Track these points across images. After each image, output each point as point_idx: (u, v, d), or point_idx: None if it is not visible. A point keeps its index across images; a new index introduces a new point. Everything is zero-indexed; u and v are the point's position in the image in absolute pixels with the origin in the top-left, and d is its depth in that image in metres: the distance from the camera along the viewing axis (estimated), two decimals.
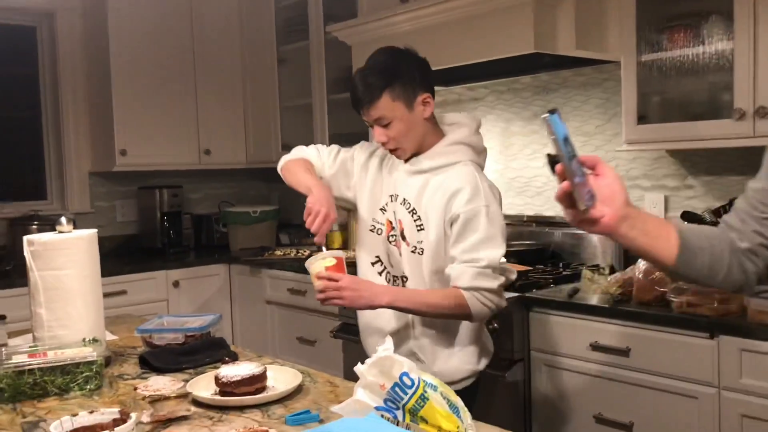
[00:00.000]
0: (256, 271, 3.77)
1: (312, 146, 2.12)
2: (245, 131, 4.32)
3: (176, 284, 3.77)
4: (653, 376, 2.21)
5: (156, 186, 4.16)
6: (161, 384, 1.58)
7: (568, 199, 1.07)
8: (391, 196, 1.95)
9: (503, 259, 1.85)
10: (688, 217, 2.52)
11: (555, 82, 3.17)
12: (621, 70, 2.57)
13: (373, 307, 1.82)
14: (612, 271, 2.63)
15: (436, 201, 1.85)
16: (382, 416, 0.97)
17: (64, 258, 1.67)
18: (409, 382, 0.96)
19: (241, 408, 1.40)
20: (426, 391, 0.96)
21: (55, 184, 4.09)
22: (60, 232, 1.71)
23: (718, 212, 2.45)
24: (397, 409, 0.96)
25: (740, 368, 2.02)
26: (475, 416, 1.01)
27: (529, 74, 3.23)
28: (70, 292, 1.67)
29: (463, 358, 1.92)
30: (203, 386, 1.50)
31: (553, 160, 1.07)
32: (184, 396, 1.45)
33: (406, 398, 0.96)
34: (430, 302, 1.81)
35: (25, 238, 1.69)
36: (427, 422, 0.96)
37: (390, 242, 1.95)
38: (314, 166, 2.04)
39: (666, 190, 2.83)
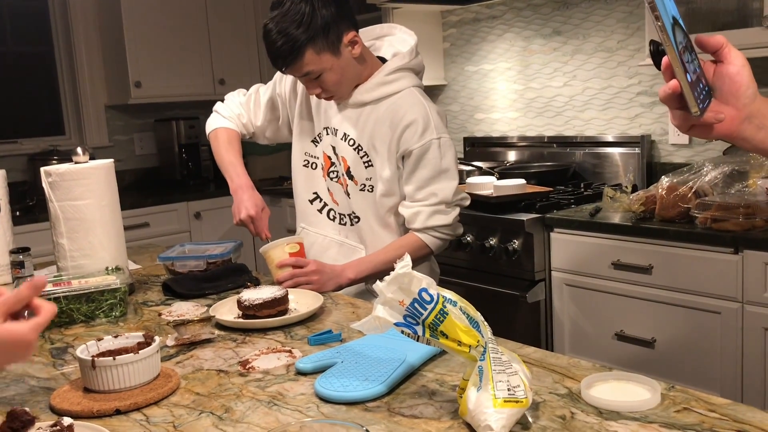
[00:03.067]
0: (276, 200, 3.77)
1: (233, 98, 2.02)
2: (259, 60, 4.26)
3: (197, 215, 3.80)
4: (676, 292, 2.20)
5: (173, 118, 4.15)
6: (185, 309, 1.60)
7: (676, 100, 0.85)
8: (327, 129, 1.83)
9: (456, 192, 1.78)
10: None
11: None
12: None
13: (341, 287, 1.75)
14: (634, 189, 2.58)
15: (384, 135, 1.74)
16: (402, 332, 0.97)
17: (82, 188, 1.67)
18: (428, 298, 0.96)
19: (264, 330, 1.42)
20: (445, 306, 0.96)
21: (73, 119, 4.09)
22: (76, 162, 1.70)
23: None
24: (417, 324, 0.96)
25: (765, 282, 2.00)
26: (497, 334, 1.01)
27: None
28: (90, 221, 1.68)
29: None
30: (226, 310, 1.52)
31: (658, 50, 0.85)
32: (207, 320, 1.46)
33: (425, 313, 0.95)
34: (389, 258, 1.72)
35: (43, 169, 1.69)
36: (447, 337, 0.96)
37: (331, 179, 1.85)
38: (237, 131, 1.98)
39: None
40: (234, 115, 1.99)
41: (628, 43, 2.90)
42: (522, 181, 2.72)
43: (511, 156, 3.38)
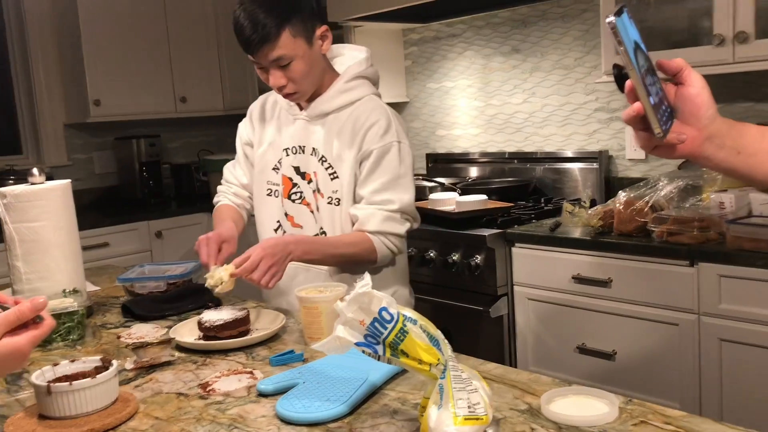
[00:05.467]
0: None
1: (225, 170, 1.99)
2: (221, 77, 4.25)
3: (159, 234, 3.75)
4: (634, 305, 2.24)
5: (133, 136, 4.10)
6: (144, 331, 1.58)
7: (640, 122, 0.87)
8: (288, 150, 1.80)
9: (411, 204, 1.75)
10: None
11: (533, 14, 3.11)
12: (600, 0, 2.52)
13: (293, 260, 1.62)
14: (593, 204, 2.63)
15: (348, 141, 1.71)
16: (363, 352, 0.97)
17: (38, 210, 1.63)
18: (388, 317, 0.96)
19: (225, 352, 1.41)
20: (405, 325, 0.96)
21: (30, 138, 4.01)
22: (32, 183, 1.67)
23: None
24: (378, 344, 0.96)
25: (719, 294, 2.05)
26: (461, 349, 1.02)
27: (507, 8, 3.16)
28: (46, 243, 1.64)
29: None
30: (187, 332, 1.50)
31: (621, 73, 0.87)
32: (167, 342, 1.45)
33: (386, 333, 0.96)
34: (339, 252, 1.68)
35: None
36: (408, 356, 0.96)
37: (293, 201, 1.80)
38: (230, 204, 1.93)
39: None
40: (226, 188, 1.98)
41: (585, 61, 2.96)
42: (483, 196, 2.75)
43: (473, 172, 3.42)
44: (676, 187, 2.30)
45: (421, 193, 3.12)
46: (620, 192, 2.36)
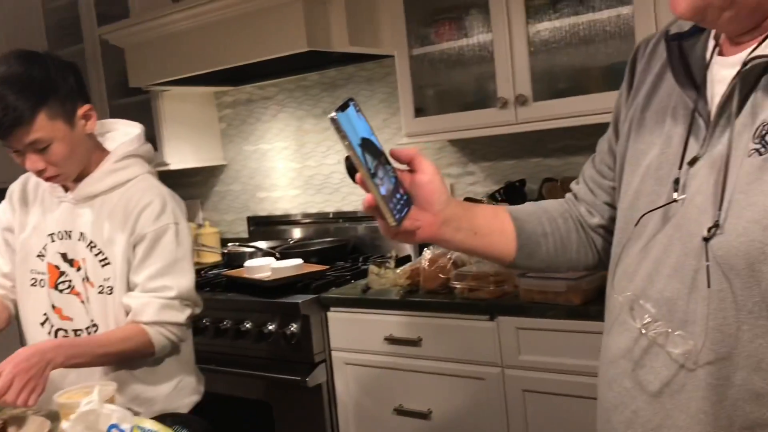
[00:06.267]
0: None
1: None
2: None
3: None
4: (444, 362, 2.27)
5: None
6: None
7: (376, 211, 0.88)
8: (53, 235, 1.67)
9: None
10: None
11: (341, 77, 3.17)
12: (395, 64, 2.61)
13: (55, 368, 1.45)
14: (404, 261, 2.67)
15: (118, 222, 1.61)
16: None
17: None
18: None
19: None
20: None
21: None
22: None
23: (494, 196, 2.56)
24: None
25: (518, 346, 2.12)
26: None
27: (316, 71, 3.20)
28: None
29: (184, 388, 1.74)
30: None
31: (351, 166, 0.86)
32: None
33: None
34: (110, 351, 1.53)
35: None
36: None
37: (61, 291, 1.65)
38: None
39: (451, 178, 2.92)
40: None
41: (392, 122, 3.04)
42: (299, 260, 2.71)
43: (297, 233, 3.38)
44: None
45: (240, 260, 3.04)
46: (425, 249, 2.41)
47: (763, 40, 0.84)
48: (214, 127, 3.60)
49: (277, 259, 2.84)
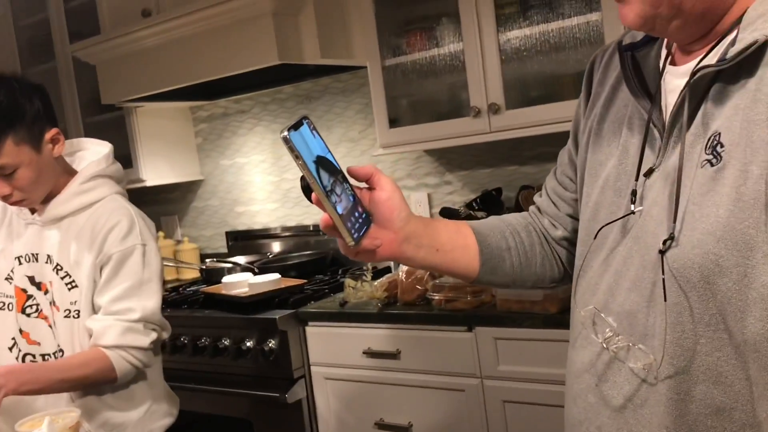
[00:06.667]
0: None
1: None
2: None
3: None
4: (423, 374, 2.25)
5: None
6: None
7: (334, 230, 0.85)
8: (21, 258, 1.64)
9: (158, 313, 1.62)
10: (446, 213, 2.60)
11: (316, 89, 3.15)
12: (368, 75, 2.60)
13: (8, 395, 1.39)
14: (377, 275, 2.63)
15: (85, 243, 1.58)
16: None
17: None
18: None
19: None
20: None
21: None
22: None
23: (471, 205, 2.55)
24: None
25: (497, 356, 2.11)
26: None
27: (291, 83, 3.18)
28: None
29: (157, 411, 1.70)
30: None
31: (307, 185, 0.83)
32: None
33: None
34: (67, 377, 1.49)
35: None
36: None
37: (28, 315, 1.62)
38: None
39: (428, 187, 2.91)
40: None
41: (368, 133, 3.03)
42: (277, 275, 2.68)
43: (276, 247, 3.36)
44: None
45: (219, 275, 3.01)
46: None
47: (711, 50, 0.83)
48: (190, 142, 3.57)
49: (255, 274, 2.81)
